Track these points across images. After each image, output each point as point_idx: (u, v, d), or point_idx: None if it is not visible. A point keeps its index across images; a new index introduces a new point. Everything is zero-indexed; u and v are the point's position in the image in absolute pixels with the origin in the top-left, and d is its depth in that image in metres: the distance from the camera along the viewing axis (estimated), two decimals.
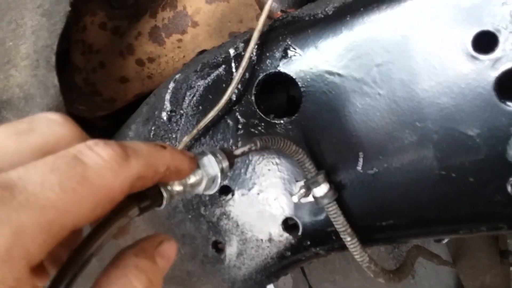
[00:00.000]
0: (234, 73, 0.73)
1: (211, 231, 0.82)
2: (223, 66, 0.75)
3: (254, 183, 0.76)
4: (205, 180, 0.60)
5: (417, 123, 0.60)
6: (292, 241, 0.75)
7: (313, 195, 0.68)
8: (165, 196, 0.53)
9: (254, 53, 0.70)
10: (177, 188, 0.57)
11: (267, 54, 0.70)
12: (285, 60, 0.69)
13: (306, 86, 0.68)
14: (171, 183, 0.56)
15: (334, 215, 0.66)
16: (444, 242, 1.16)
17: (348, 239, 0.66)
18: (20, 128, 0.36)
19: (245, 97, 0.73)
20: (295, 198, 0.69)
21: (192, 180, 0.59)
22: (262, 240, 0.78)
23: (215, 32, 0.93)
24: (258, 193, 0.76)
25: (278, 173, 0.74)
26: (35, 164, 0.31)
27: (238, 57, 0.73)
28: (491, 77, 0.55)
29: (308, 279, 1.38)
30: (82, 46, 1.07)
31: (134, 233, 0.92)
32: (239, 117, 0.75)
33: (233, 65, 0.74)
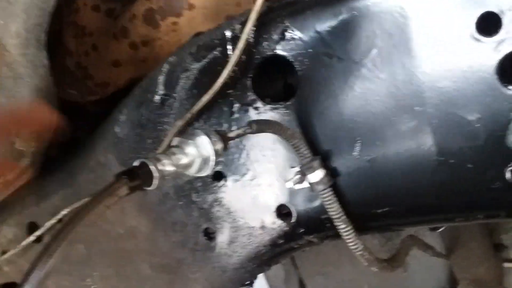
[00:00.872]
0: (230, 55, 0.71)
1: (202, 218, 0.81)
2: (219, 49, 0.73)
3: (248, 169, 0.75)
4: (198, 161, 0.59)
5: (417, 108, 0.60)
6: (285, 229, 0.74)
7: (308, 181, 0.67)
8: (155, 175, 0.51)
9: (251, 35, 0.69)
10: (169, 168, 0.55)
11: (265, 36, 0.69)
12: (283, 42, 0.67)
13: (304, 69, 0.67)
14: (162, 163, 0.55)
15: (329, 202, 0.65)
16: (439, 230, 1.17)
17: (342, 226, 0.66)
18: None
19: (241, 81, 0.72)
20: (289, 184, 0.68)
21: (185, 161, 0.58)
22: (254, 227, 0.76)
23: (211, 15, 0.91)
24: (252, 179, 0.75)
25: (272, 159, 0.72)
26: None
27: (235, 39, 0.71)
28: (494, 60, 0.54)
29: (300, 271, 1.38)
30: (74, 29, 1.05)
31: (124, 220, 0.90)
32: (235, 101, 0.73)
33: (229, 47, 0.72)
